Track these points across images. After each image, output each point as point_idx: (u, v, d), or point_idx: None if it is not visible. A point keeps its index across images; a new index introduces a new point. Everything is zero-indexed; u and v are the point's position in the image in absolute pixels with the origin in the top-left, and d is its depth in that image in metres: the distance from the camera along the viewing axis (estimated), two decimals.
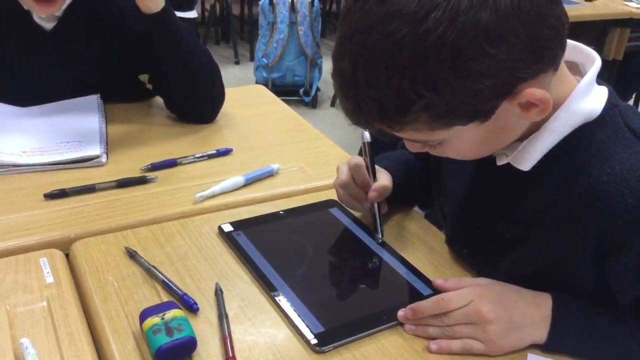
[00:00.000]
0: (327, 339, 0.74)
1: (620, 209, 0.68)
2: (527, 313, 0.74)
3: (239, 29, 4.75)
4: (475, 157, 0.77)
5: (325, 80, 3.71)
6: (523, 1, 0.60)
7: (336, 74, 0.66)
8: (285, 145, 1.23)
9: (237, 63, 4.24)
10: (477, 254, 0.88)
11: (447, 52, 0.59)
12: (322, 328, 0.75)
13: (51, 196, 1.00)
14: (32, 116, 1.23)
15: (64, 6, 1.20)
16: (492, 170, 0.79)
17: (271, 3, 3.42)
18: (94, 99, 1.29)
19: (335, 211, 1.01)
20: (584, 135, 0.72)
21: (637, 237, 0.68)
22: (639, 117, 0.74)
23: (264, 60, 3.52)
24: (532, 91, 0.65)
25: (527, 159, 0.74)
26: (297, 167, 1.15)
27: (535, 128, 0.73)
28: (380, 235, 0.94)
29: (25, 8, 1.19)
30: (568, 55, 0.73)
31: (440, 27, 0.58)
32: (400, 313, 0.77)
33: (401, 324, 0.77)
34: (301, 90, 3.59)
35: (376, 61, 0.61)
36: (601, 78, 0.78)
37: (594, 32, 2.67)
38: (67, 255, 0.88)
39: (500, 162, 0.77)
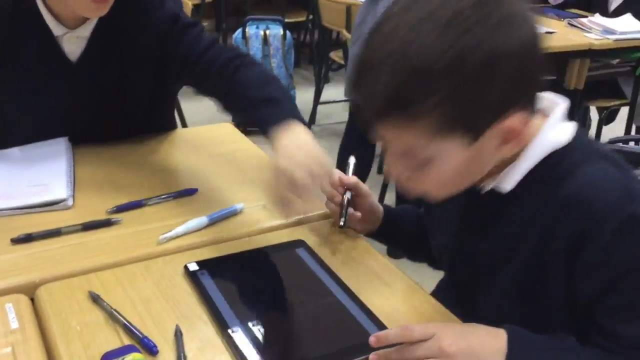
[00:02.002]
0: None
1: (588, 214, 0.77)
2: (486, 344, 0.78)
3: None
4: (448, 191, 0.85)
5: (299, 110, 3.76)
6: (531, 33, 0.73)
7: (360, 62, 0.76)
8: (249, 184, 1.27)
9: None
10: (476, 277, 0.95)
11: (471, 58, 0.70)
12: None
13: (17, 241, 1.02)
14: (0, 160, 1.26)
15: (93, 24, 1.25)
16: (477, 201, 0.89)
17: (244, 37, 3.49)
18: (62, 141, 1.32)
19: (301, 251, 1.04)
20: (555, 161, 0.83)
21: (600, 234, 0.77)
22: (603, 145, 0.88)
23: None
24: (517, 120, 0.75)
25: (509, 181, 0.84)
26: (260, 205, 1.18)
27: (510, 161, 0.83)
28: (342, 222, 1.05)
29: (49, 31, 1.24)
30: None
31: (470, 35, 0.70)
32: (371, 339, 0.79)
33: None
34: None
35: (410, 56, 0.71)
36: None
37: (555, 63, 2.76)
38: (32, 300, 0.91)
39: (486, 189, 0.87)
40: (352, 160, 1.13)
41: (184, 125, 2.88)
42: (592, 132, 3.58)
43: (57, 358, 0.80)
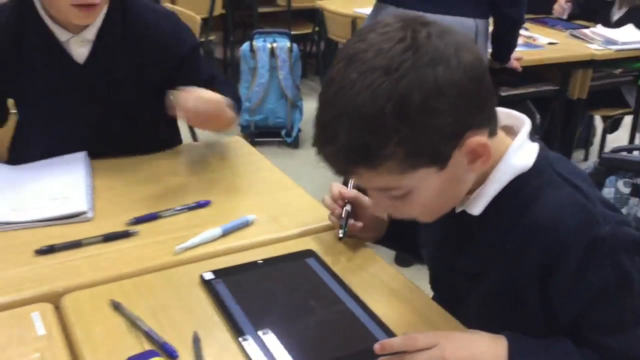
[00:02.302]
0: None
1: (554, 240, 0.82)
2: (488, 352, 0.82)
3: (222, 72, 4.88)
4: (436, 213, 0.90)
5: (306, 121, 3.82)
6: (467, 64, 0.78)
7: (318, 126, 0.80)
8: (260, 196, 1.32)
9: None
10: (452, 293, 1.00)
11: (417, 96, 0.75)
12: None
13: (41, 252, 1.07)
14: (22, 175, 1.31)
15: (98, 23, 1.34)
16: (453, 220, 0.93)
17: (252, 49, 3.55)
18: (80, 156, 1.38)
19: (311, 261, 1.09)
20: (521, 185, 0.87)
21: (568, 259, 0.82)
22: (565, 163, 0.91)
23: (247, 103, 3.63)
24: (476, 139, 0.80)
25: (477, 205, 0.88)
26: (271, 216, 1.23)
27: (481, 182, 0.88)
28: (341, 233, 1.10)
29: (54, 36, 1.32)
30: (505, 120, 0.90)
31: (408, 76, 0.75)
32: (376, 346, 0.83)
33: None
34: (283, 132, 3.70)
35: (360, 108, 0.75)
36: (570, 116, 0.93)
37: (558, 73, 2.81)
38: (57, 308, 0.96)
39: (457, 210, 0.91)
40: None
41: (194, 136, 2.93)
42: (597, 140, 3.62)
43: None
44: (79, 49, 1.36)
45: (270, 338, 0.89)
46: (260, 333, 0.90)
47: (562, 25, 3.22)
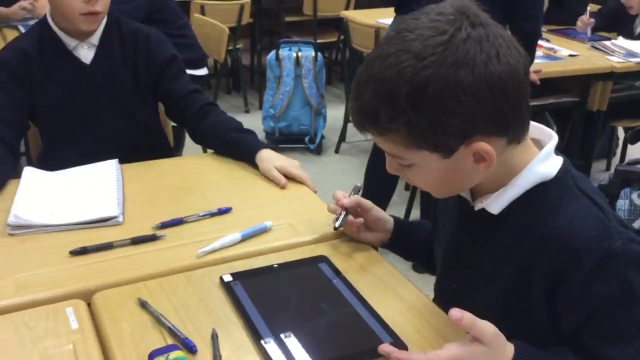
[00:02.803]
0: None
1: (568, 249, 0.87)
2: None
3: (248, 79, 4.99)
4: (435, 192, 0.97)
5: (330, 128, 3.90)
6: (494, 75, 0.82)
7: (354, 82, 0.89)
8: (277, 203, 1.40)
9: (247, 112, 4.46)
10: (462, 288, 1.05)
11: (432, 89, 0.81)
12: None
13: (75, 253, 1.17)
14: (59, 181, 1.41)
15: (100, 31, 1.61)
16: (470, 217, 0.99)
17: (277, 58, 3.64)
18: (112, 164, 1.48)
19: (323, 266, 1.16)
20: (542, 192, 0.92)
21: (578, 268, 0.86)
22: (586, 180, 0.95)
23: (271, 110, 3.72)
24: (482, 144, 0.85)
25: (497, 205, 0.94)
26: (287, 223, 1.31)
27: (501, 185, 0.93)
28: (337, 223, 1.18)
29: (64, 44, 1.59)
30: (534, 134, 0.96)
31: (431, 69, 0.80)
32: (386, 349, 0.87)
33: None
34: (306, 138, 3.78)
35: (384, 79, 0.83)
36: (590, 128, 0.98)
37: (578, 85, 2.84)
38: (89, 305, 1.05)
39: (477, 208, 0.97)
40: (358, 185, 1.25)
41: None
42: (619, 151, 3.62)
43: (112, 355, 0.93)
44: (86, 52, 1.61)
45: (285, 336, 0.96)
46: (276, 330, 0.97)
47: (584, 37, 3.25)
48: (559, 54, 2.91)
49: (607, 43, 3.02)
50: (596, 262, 0.85)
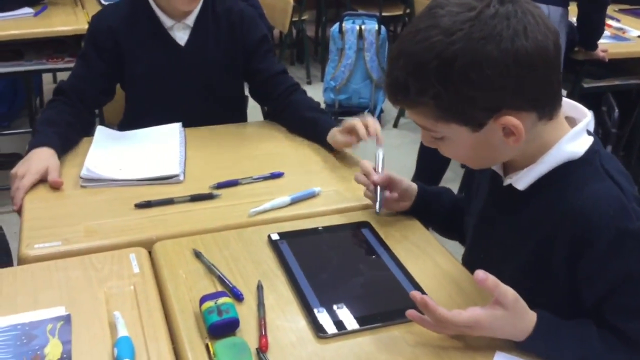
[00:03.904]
0: (336, 328, 0.97)
1: (587, 225, 0.90)
2: (510, 334, 0.91)
3: (312, 51, 5.04)
4: (469, 164, 1.02)
5: (389, 102, 3.92)
6: (520, 50, 0.85)
7: (389, 56, 0.94)
8: (327, 171, 1.47)
9: (309, 83, 4.52)
10: (489, 260, 1.09)
11: (459, 62, 0.84)
12: (333, 320, 0.98)
13: (140, 206, 1.28)
14: (127, 140, 1.53)
15: (196, 12, 1.60)
16: (500, 192, 1.03)
17: (340, 31, 3.68)
18: (176, 127, 1.58)
19: (365, 231, 1.23)
20: (568, 170, 0.95)
21: (597, 244, 0.90)
22: (612, 161, 0.97)
23: (332, 83, 3.78)
24: (511, 119, 0.88)
25: (523, 181, 0.98)
26: (335, 190, 1.38)
27: (531, 161, 0.96)
28: (377, 209, 1.21)
29: (160, 23, 1.59)
30: (569, 112, 0.99)
31: (459, 44, 0.84)
32: (409, 311, 0.92)
33: (400, 323, 0.97)
34: (366, 112, 3.82)
35: (414, 54, 0.87)
36: None
37: None
38: (149, 253, 1.15)
39: (505, 183, 1.01)
40: (380, 154, 1.29)
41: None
42: None
43: (167, 296, 1.03)
44: (181, 34, 1.61)
45: (325, 292, 1.04)
46: (317, 287, 1.05)
47: None
48: (628, 35, 2.83)
49: None
50: (614, 240, 0.89)
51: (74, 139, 1.51)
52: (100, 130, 1.56)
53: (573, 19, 2.51)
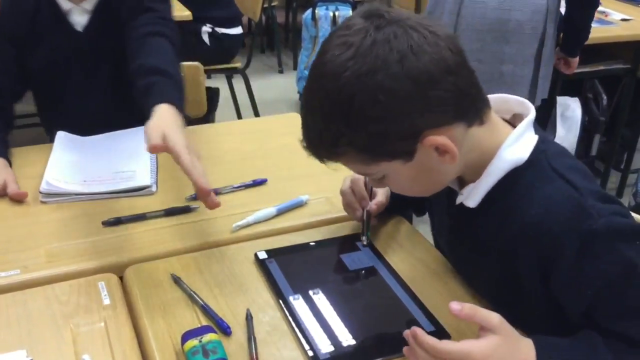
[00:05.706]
0: None
1: (547, 234, 0.84)
2: None
3: (283, 38, 4.89)
4: (420, 194, 0.95)
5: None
6: (412, 70, 0.78)
7: (301, 117, 0.87)
8: (314, 176, 1.34)
9: (280, 72, 4.39)
10: (466, 276, 1.04)
11: (357, 102, 0.78)
12: (334, 350, 0.87)
13: (108, 224, 1.14)
14: (91, 147, 1.39)
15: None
16: (456, 208, 0.95)
17: (314, 18, 3.55)
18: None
19: (361, 244, 1.12)
20: (515, 178, 0.88)
21: (564, 253, 0.83)
22: (562, 158, 0.90)
23: (306, 72, 3.64)
24: (435, 138, 0.81)
25: (473, 198, 0.91)
26: (324, 197, 1.26)
27: (480, 172, 0.89)
28: (365, 238, 1.11)
29: (58, 6, 1.42)
30: (516, 108, 0.92)
31: (349, 84, 0.78)
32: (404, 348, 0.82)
33: (402, 355, 0.87)
34: None
35: (315, 108, 0.82)
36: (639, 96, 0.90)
37: (629, 52, 2.69)
38: (121, 279, 1.02)
39: (457, 202, 0.94)
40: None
41: (254, 104, 2.98)
42: None
43: (143, 333, 0.91)
44: (79, 18, 1.46)
45: (321, 319, 0.93)
46: (311, 316, 0.94)
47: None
48: (610, 18, 2.76)
49: None
50: (579, 245, 0.82)
51: (8, 141, 1.37)
52: (60, 137, 1.41)
53: None
